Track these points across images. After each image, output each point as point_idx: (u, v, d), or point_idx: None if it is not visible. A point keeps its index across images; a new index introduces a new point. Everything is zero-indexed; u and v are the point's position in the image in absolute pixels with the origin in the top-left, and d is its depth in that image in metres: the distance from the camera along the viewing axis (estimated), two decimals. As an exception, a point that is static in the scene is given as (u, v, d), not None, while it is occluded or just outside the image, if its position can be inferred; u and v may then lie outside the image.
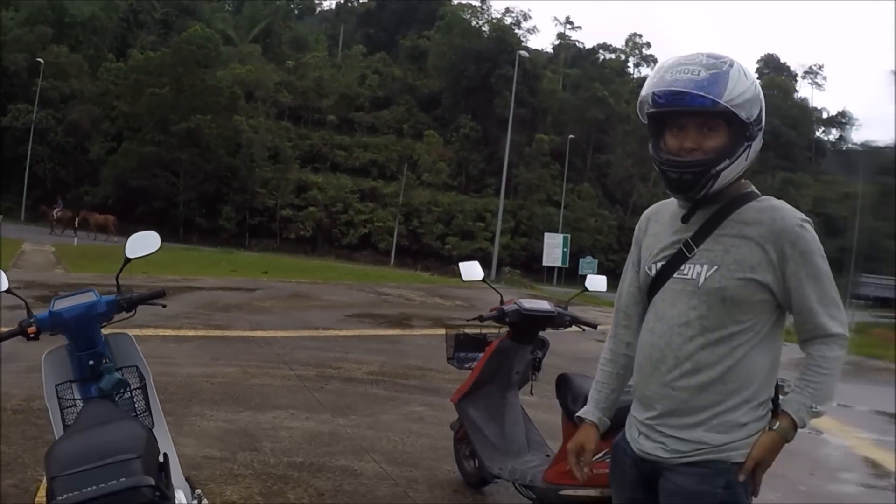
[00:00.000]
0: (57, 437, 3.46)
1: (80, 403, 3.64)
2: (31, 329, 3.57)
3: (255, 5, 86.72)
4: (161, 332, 11.90)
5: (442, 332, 6.62)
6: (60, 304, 3.68)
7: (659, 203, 2.98)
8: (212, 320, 13.96)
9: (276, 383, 9.21)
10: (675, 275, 2.73)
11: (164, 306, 4.20)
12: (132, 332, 4.05)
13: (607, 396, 3.03)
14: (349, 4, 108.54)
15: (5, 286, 3.79)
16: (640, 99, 2.71)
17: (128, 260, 3.95)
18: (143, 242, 4.01)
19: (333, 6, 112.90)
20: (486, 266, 30.67)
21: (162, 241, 4.24)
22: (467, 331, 6.12)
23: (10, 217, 50.87)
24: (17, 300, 3.82)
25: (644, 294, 2.91)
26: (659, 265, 2.79)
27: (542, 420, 6.15)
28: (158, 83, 61.07)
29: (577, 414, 3.05)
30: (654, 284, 2.82)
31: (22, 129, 62.36)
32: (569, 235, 57.46)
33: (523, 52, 59.30)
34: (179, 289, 18.82)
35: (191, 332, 12.17)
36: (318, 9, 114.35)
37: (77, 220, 51.08)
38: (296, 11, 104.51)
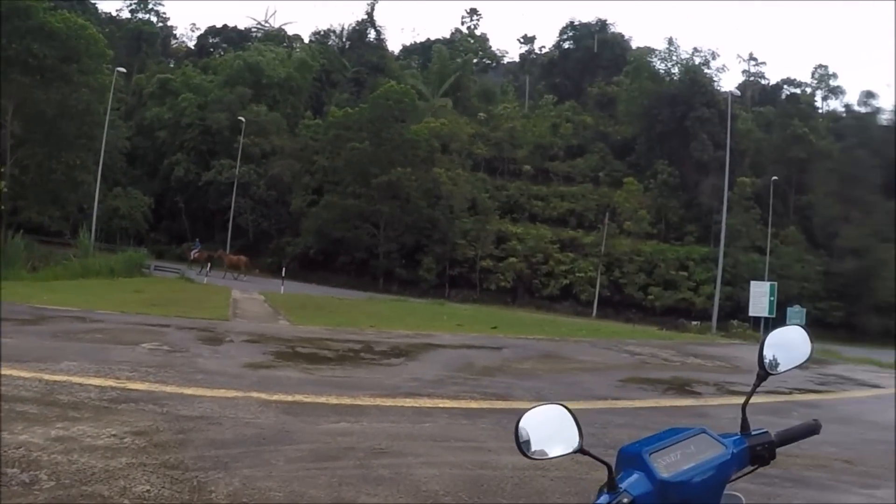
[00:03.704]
0: None
1: None
2: None
3: (442, 60, 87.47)
4: (440, 402, 10.91)
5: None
6: (666, 466, 2.31)
7: None
8: (484, 387, 12.98)
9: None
10: None
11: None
12: (405, 401, 2.66)
13: None
14: (532, 55, 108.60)
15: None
16: None
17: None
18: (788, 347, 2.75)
19: (517, 58, 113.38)
20: (701, 318, 30.66)
21: (362, 291, 2.82)
22: None
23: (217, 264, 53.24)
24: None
25: None
26: None
27: None
28: (358, 138, 62.55)
29: None
30: None
31: (225, 184, 65.44)
32: (775, 283, 55.05)
33: (735, 91, 57.33)
34: (421, 346, 18.27)
35: (474, 405, 11.11)
36: (502, 61, 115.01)
37: (212, 259, 52.98)
38: (483, 63, 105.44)
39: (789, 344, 2.77)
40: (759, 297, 52.16)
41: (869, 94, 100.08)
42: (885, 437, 12.10)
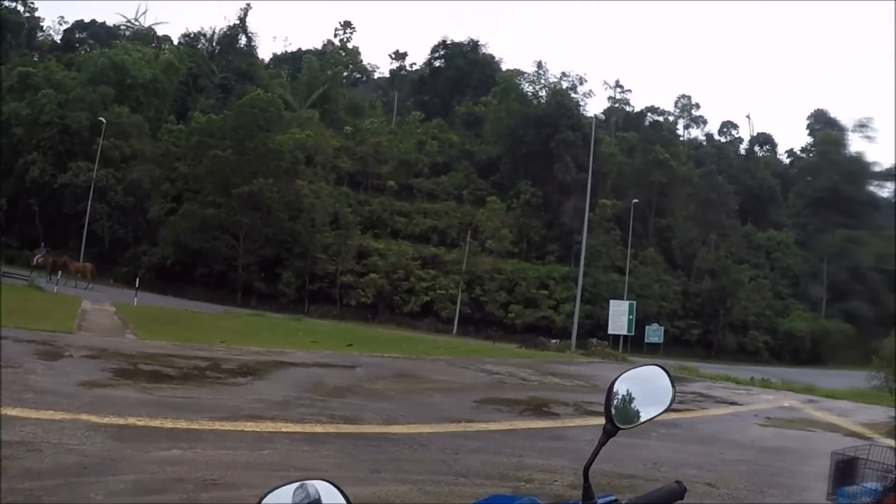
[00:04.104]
0: None
1: None
2: None
3: (312, 71, 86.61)
4: (283, 426, 10.37)
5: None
6: None
7: None
8: (332, 409, 12.50)
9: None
10: None
11: None
12: (245, 425, 2.30)
13: None
14: (402, 72, 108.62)
15: None
16: None
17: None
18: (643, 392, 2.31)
19: (387, 74, 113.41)
20: (561, 336, 31.13)
21: (219, 304, 2.41)
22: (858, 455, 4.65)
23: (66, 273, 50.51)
24: None
25: None
26: None
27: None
28: (220, 145, 60.70)
29: None
30: None
31: (82, 187, 62.08)
32: (634, 302, 56.38)
33: (600, 115, 58.67)
34: (272, 364, 17.67)
35: (319, 429, 10.60)
36: (372, 76, 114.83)
37: (58, 265, 50.65)
38: (353, 77, 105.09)
39: (645, 388, 2.32)
40: (619, 316, 53.62)
41: (729, 125, 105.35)
42: (746, 456, 12.12)
